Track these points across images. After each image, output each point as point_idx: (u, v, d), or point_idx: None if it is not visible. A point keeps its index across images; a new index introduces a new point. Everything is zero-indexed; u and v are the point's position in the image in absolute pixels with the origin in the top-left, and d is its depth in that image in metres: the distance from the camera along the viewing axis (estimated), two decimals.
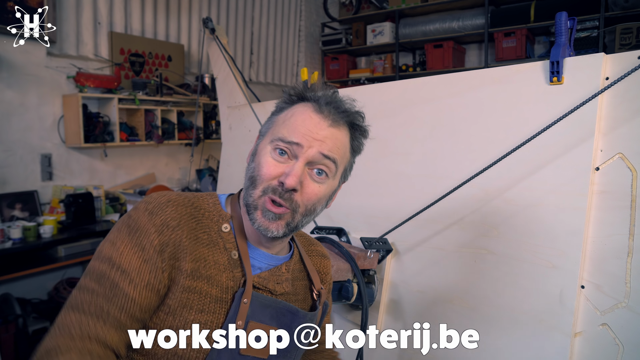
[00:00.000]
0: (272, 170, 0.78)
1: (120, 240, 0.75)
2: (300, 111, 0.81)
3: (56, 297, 2.95)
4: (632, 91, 1.02)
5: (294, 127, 0.79)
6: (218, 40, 2.29)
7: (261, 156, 0.80)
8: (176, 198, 0.81)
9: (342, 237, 1.49)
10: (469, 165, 1.24)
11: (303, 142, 0.78)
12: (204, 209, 0.83)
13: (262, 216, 0.78)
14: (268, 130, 0.84)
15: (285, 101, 0.86)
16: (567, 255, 1.06)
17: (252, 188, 0.79)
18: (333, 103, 0.82)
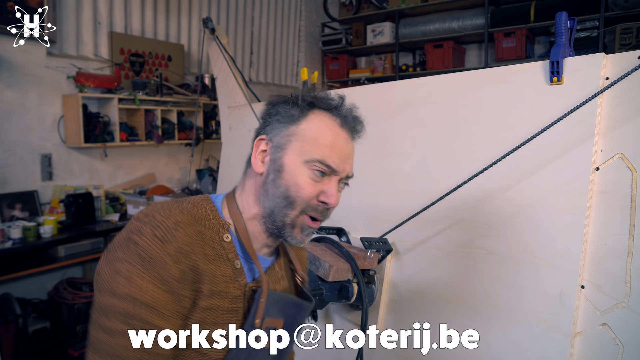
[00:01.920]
0: (313, 191, 0.81)
1: (136, 275, 0.71)
2: (328, 126, 0.83)
3: (56, 297, 2.95)
4: (632, 91, 1.02)
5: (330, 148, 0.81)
6: (218, 40, 2.29)
7: (297, 176, 0.81)
8: (181, 217, 0.77)
9: (342, 237, 1.49)
10: (469, 165, 1.24)
11: (339, 166, 0.82)
12: (205, 219, 0.82)
13: (301, 233, 0.83)
14: (289, 144, 0.82)
15: (297, 107, 0.85)
16: (567, 255, 1.06)
17: (290, 208, 0.81)
18: (349, 115, 0.86)
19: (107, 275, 0.72)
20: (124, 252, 0.72)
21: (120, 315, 0.70)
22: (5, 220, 2.88)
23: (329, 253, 1.34)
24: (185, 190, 4.00)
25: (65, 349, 2.75)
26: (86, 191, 3.11)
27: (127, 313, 0.70)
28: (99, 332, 0.71)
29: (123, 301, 0.70)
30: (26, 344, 2.60)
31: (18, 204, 2.97)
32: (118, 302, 0.70)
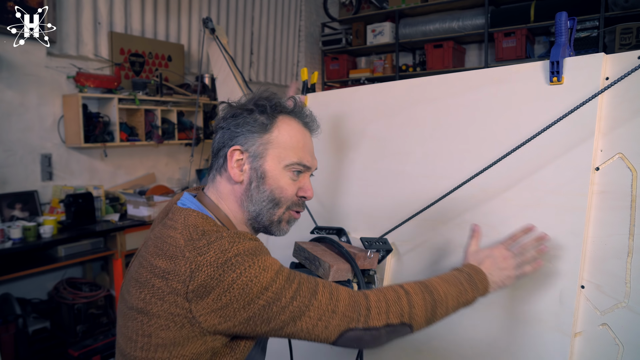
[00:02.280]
0: (293, 190, 0.95)
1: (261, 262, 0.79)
2: (295, 129, 0.96)
3: (56, 297, 2.95)
4: (632, 91, 1.02)
5: (304, 150, 0.96)
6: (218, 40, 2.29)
7: (279, 180, 0.93)
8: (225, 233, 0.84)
9: (342, 237, 1.49)
10: (469, 165, 1.24)
11: (312, 164, 0.97)
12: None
13: (287, 224, 0.97)
14: (267, 152, 0.92)
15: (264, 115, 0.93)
16: (567, 255, 1.06)
17: (276, 208, 0.94)
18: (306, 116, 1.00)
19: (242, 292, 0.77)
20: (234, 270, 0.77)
21: (285, 285, 0.79)
22: (5, 220, 2.88)
23: (329, 253, 1.34)
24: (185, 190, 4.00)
25: (65, 349, 2.75)
26: (86, 191, 3.11)
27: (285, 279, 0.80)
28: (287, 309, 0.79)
29: (276, 281, 0.79)
30: (26, 344, 2.60)
31: (18, 204, 2.97)
32: (274, 286, 0.79)
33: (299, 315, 0.79)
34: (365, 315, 0.82)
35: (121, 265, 3.12)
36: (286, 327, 0.79)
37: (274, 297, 0.78)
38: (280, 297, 0.78)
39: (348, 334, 0.81)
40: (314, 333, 0.81)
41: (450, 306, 0.92)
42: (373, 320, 0.82)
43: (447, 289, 0.91)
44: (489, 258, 1.01)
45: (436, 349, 1.28)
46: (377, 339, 0.84)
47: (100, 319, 3.03)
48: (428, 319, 0.89)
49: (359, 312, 0.82)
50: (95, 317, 3.01)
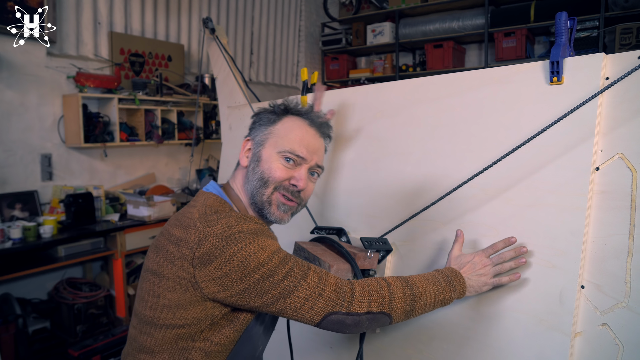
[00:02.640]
0: (283, 173, 1.01)
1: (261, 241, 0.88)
2: (298, 125, 1.05)
3: (56, 297, 2.95)
4: (632, 91, 1.02)
5: (298, 141, 1.02)
6: (218, 40, 2.28)
7: (271, 162, 1.01)
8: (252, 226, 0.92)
9: (342, 237, 1.49)
10: (469, 165, 1.24)
11: (307, 156, 1.03)
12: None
13: (278, 209, 1.02)
14: (267, 140, 1.03)
15: (275, 113, 1.06)
16: (567, 255, 1.06)
17: (264, 187, 1.00)
18: (316, 119, 1.08)
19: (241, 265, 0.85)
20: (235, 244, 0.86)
21: (279, 265, 0.88)
22: (5, 220, 2.88)
23: (329, 253, 1.34)
24: (185, 190, 4.00)
25: (65, 349, 2.75)
26: (86, 191, 3.11)
27: (280, 260, 0.89)
28: (278, 286, 0.87)
29: (271, 260, 0.87)
30: (26, 344, 2.60)
31: (18, 204, 2.97)
32: (270, 264, 0.87)
33: (288, 293, 0.87)
34: (349, 301, 0.90)
35: (121, 265, 3.12)
36: (276, 303, 0.87)
37: (268, 274, 0.86)
38: (274, 274, 0.87)
39: (331, 317, 0.89)
40: (300, 312, 0.88)
41: (429, 303, 0.99)
42: (355, 307, 0.90)
43: (426, 287, 0.99)
44: (469, 264, 1.07)
45: (436, 350, 1.28)
46: (358, 324, 0.91)
47: (100, 319, 3.03)
48: (406, 312, 0.96)
49: (343, 298, 0.90)
50: (95, 317, 3.01)
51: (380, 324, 0.94)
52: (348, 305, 0.90)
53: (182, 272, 0.88)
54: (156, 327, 0.91)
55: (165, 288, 0.90)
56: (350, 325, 0.91)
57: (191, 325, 0.90)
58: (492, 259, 1.08)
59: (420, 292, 0.97)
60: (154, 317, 0.91)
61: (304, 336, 1.60)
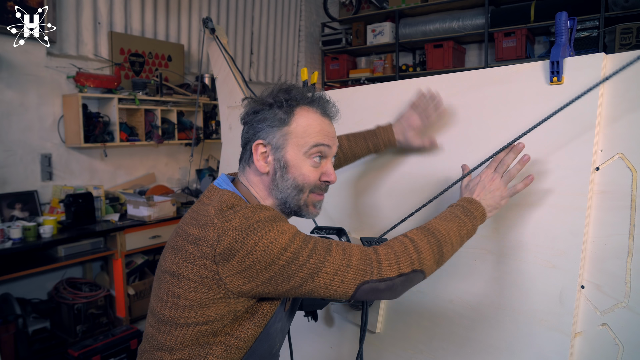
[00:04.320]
0: (315, 175, 0.98)
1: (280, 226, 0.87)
2: (312, 117, 0.98)
3: (56, 297, 2.95)
4: (632, 91, 1.02)
5: (320, 133, 0.97)
6: (218, 40, 2.28)
7: (301, 168, 0.97)
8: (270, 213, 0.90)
9: (342, 237, 1.49)
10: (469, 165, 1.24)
11: (332, 144, 1.00)
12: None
13: (315, 208, 1.01)
14: (287, 143, 0.97)
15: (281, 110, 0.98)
16: (567, 255, 1.06)
17: (301, 194, 0.98)
18: (325, 103, 1.01)
19: (264, 254, 0.84)
20: (256, 234, 0.84)
21: (302, 245, 0.87)
22: (5, 220, 2.88)
23: None
24: (185, 190, 4.00)
25: (65, 349, 2.75)
26: (86, 191, 3.11)
27: (302, 241, 0.87)
28: (305, 267, 0.86)
29: (293, 243, 0.86)
30: (26, 344, 2.60)
31: (18, 204, 2.97)
32: (292, 247, 0.85)
33: (316, 272, 0.86)
34: (378, 267, 0.88)
35: (121, 265, 3.12)
36: (305, 284, 0.86)
37: (293, 257, 0.85)
38: (298, 256, 0.85)
39: (364, 287, 0.87)
40: (332, 287, 0.87)
41: (455, 242, 0.97)
42: (386, 272, 0.88)
43: (447, 227, 0.96)
44: (478, 185, 1.06)
45: (436, 350, 1.28)
46: (392, 288, 0.90)
47: (100, 319, 3.03)
48: (437, 260, 0.94)
49: (371, 265, 0.88)
50: (95, 317, 3.01)
51: (415, 282, 0.93)
52: (378, 271, 0.88)
53: (204, 270, 0.86)
54: (177, 326, 0.90)
55: (185, 289, 0.88)
56: (384, 290, 0.89)
57: (214, 321, 0.89)
58: (498, 170, 1.06)
59: (444, 235, 0.95)
60: (175, 317, 0.90)
61: (304, 336, 1.60)
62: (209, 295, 0.87)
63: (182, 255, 0.89)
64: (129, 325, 3.02)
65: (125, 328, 2.91)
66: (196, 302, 0.88)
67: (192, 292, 0.88)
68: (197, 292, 0.87)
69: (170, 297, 0.90)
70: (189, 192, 3.97)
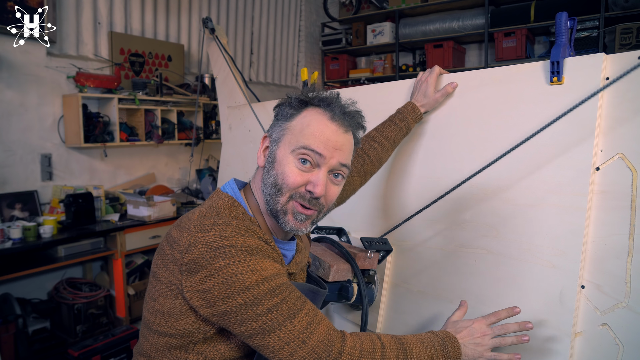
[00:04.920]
0: (298, 179, 0.87)
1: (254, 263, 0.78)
2: (316, 119, 0.89)
3: (56, 297, 2.95)
4: (632, 91, 1.02)
5: (314, 136, 0.87)
6: (218, 40, 2.29)
7: (284, 165, 0.88)
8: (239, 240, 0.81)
9: (342, 237, 1.49)
10: (468, 165, 1.24)
11: (325, 153, 0.87)
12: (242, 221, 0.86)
13: (294, 219, 0.89)
14: (282, 137, 0.90)
15: (293, 106, 0.92)
16: (567, 255, 1.06)
17: (278, 195, 0.88)
18: (343, 109, 0.91)
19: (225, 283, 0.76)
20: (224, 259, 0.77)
21: (267, 295, 0.78)
22: (5, 220, 2.88)
23: (329, 253, 1.34)
24: (185, 190, 4.00)
25: (65, 349, 2.75)
26: (86, 191, 3.11)
27: (270, 290, 0.78)
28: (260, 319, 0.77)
29: (259, 286, 0.77)
30: (26, 344, 2.60)
31: (18, 204, 2.97)
32: (256, 290, 0.77)
33: (268, 331, 0.77)
34: (335, 358, 0.79)
35: (121, 265, 3.12)
36: (255, 337, 0.78)
37: (253, 301, 0.77)
38: (258, 304, 0.77)
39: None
40: (278, 356, 0.78)
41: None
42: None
43: (420, 351, 0.89)
44: (467, 329, 0.98)
45: None
46: None
47: (100, 319, 3.03)
48: None
49: (329, 352, 0.78)
50: (95, 317, 3.01)
51: None
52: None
53: (172, 276, 0.82)
54: (151, 332, 0.87)
55: (159, 292, 0.84)
56: None
57: (182, 335, 0.84)
58: (493, 329, 0.99)
59: (414, 358, 0.87)
60: (150, 321, 0.87)
61: None
62: (176, 304, 0.82)
63: (161, 256, 0.86)
64: (129, 325, 3.02)
65: (125, 328, 2.91)
66: (166, 308, 0.83)
67: (163, 297, 0.83)
68: (167, 299, 0.83)
69: (150, 298, 0.87)
70: (189, 192, 3.97)
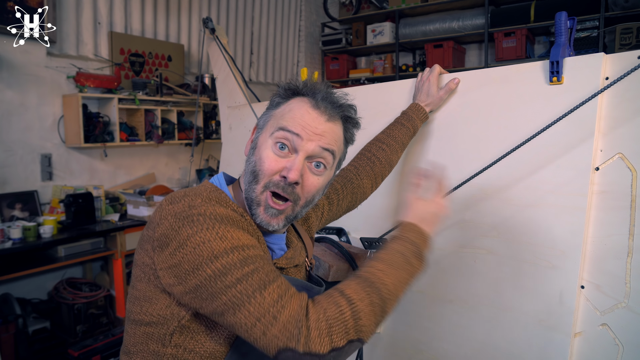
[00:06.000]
0: (274, 165, 0.82)
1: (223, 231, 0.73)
2: (298, 105, 0.85)
3: (56, 297, 2.95)
4: (632, 91, 1.02)
5: (294, 119, 0.83)
6: (218, 40, 2.29)
7: (262, 150, 0.83)
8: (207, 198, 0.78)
9: (342, 237, 1.49)
10: (469, 165, 1.24)
11: (302, 134, 0.82)
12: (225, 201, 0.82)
13: (265, 212, 0.83)
14: (266, 124, 0.87)
15: (281, 95, 0.89)
16: (567, 255, 1.06)
17: (255, 183, 0.83)
18: (328, 98, 0.86)
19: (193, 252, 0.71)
20: (192, 227, 0.72)
21: (237, 264, 0.71)
22: (5, 220, 2.88)
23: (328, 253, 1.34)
24: None
25: (65, 349, 2.75)
26: (86, 191, 3.11)
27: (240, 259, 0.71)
28: (229, 291, 0.70)
29: (228, 255, 0.71)
30: (26, 344, 2.60)
31: (18, 204, 2.97)
32: (225, 259, 0.71)
33: (238, 305, 0.69)
34: (306, 336, 0.67)
35: (121, 265, 3.12)
36: (227, 314, 0.70)
37: (222, 271, 0.70)
38: (227, 273, 0.70)
39: (286, 354, 0.67)
40: (252, 335, 0.69)
41: (401, 294, 0.80)
42: (315, 345, 0.67)
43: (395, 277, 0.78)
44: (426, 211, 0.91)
45: (436, 350, 1.28)
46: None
47: (100, 319, 3.03)
48: (378, 322, 0.75)
49: (299, 330, 0.67)
50: (95, 317, 3.01)
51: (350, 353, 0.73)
52: (305, 341, 0.67)
53: (146, 257, 0.77)
54: (129, 322, 0.83)
55: (136, 278, 0.80)
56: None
57: (157, 324, 0.78)
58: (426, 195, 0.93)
59: (390, 292, 0.76)
60: (129, 311, 0.82)
61: None
62: (150, 287, 0.78)
63: (139, 241, 0.82)
64: None
65: None
66: (142, 293, 0.79)
67: (139, 281, 0.79)
68: (142, 282, 0.79)
69: (130, 288, 0.83)
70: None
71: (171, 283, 0.74)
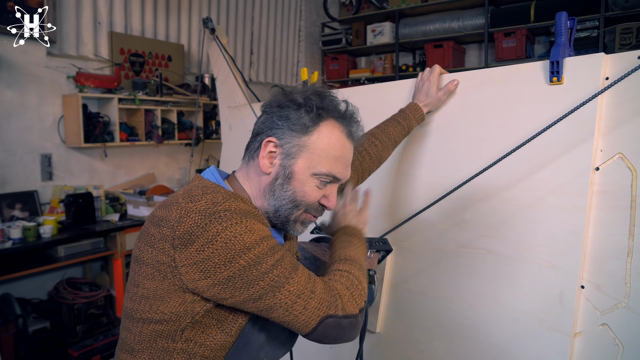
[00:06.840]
0: (316, 196, 0.91)
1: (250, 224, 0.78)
2: (336, 137, 0.90)
3: (56, 297, 2.95)
4: (632, 91, 1.02)
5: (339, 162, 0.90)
6: (218, 40, 2.28)
7: (305, 185, 0.89)
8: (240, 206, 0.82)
9: None
10: (469, 165, 1.24)
11: (343, 176, 0.92)
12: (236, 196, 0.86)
13: (302, 226, 0.93)
14: (300, 154, 0.88)
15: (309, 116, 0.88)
16: (567, 255, 1.06)
17: (295, 210, 0.90)
18: (353, 117, 0.93)
19: (225, 247, 0.75)
20: (220, 222, 0.76)
21: (268, 252, 0.78)
22: (5, 220, 2.88)
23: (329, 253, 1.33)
24: None
25: (65, 349, 2.75)
26: (86, 191, 3.11)
27: (270, 248, 0.79)
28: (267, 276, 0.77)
29: (259, 245, 0.77)
30: (26, 344, 2.60)
31: (18, 204, 2.97)
32: (257, 249, 0.77)
33: (278, 286, 0.77)
34: (341, 302, 0.81)
35: (121, 265, 3.12)
36: (265, 297, 0.77)
37: (256, 260, 0.76)
38: (262, 261, 0.76)
39: (328, 321, 0.79)
40: (292, 312, 0.78)
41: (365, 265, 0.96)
42: (348, 307, 0.82)
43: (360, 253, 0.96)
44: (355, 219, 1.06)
45: (436, 350, 1.28)
46: (355, 326, 0.83)
47: (100, 319, 3.03)
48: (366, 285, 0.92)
49: (336, 298, 0.81)
50: (95, 317, 3.01)
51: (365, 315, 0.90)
52: (342, 306, 0.81)
53: (161, 255, 0.78)
54: (134, 321, 0.83)
55: (144, 276, 0.81)
56: (347, 329, 0.81)
57: (169, 321, 0.80)
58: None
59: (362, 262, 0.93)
60: (133, 309, 0.83)
61: None
62: (164, 285, 0.78)
63: (145, 238, 0.82)
64: None
65: None
66: (152, 292, 0.80)
67: (149, 279, 0.80)
68: (154, 281, 0.79)
69: (132, 286, 0.83)
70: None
71: (196, 278, 0.77)
